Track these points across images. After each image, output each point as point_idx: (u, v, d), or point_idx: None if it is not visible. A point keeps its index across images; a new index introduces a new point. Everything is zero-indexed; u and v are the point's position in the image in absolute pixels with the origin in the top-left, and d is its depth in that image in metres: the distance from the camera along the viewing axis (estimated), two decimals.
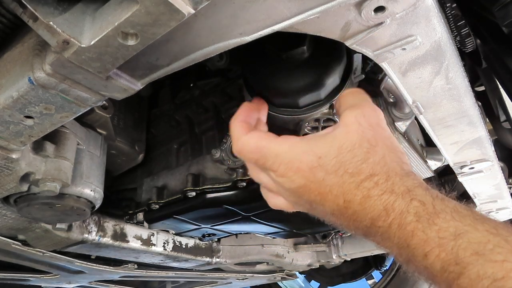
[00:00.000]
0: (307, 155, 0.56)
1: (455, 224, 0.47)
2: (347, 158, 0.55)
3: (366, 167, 0.54)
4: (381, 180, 0.53)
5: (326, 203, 0.55)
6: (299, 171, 0.56)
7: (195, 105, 1.06)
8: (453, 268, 0.44)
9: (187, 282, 2.36)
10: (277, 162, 0.57)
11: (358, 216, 0.53)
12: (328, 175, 0.54)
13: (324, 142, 0.56)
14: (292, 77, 0.71)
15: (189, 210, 0.99)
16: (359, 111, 0.58)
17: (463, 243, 0.45)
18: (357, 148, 0.55)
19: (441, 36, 0.56)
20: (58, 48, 0.45)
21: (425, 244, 0.47)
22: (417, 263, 0.48)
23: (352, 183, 0.54)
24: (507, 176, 1.27)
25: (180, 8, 0.40)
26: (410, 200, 0.51)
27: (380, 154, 0.55)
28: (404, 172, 0.55)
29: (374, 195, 0.52)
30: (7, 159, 0.68)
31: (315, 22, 0.51)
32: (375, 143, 0.56)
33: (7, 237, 1.13)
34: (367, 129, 0.57)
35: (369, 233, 0.54)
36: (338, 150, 0.55)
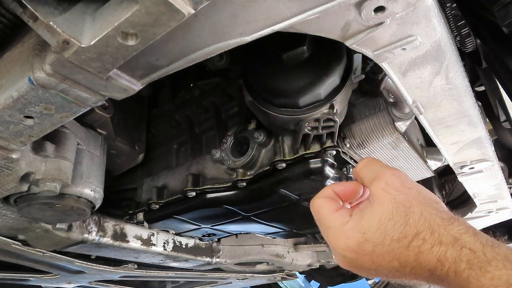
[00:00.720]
0: (353, 232, 0.61)
1: (508, 273, 0.50)
2: (388, 227, 0.59)
3: (409, 228, 0.58)
4: (428, 235, 0.57)
5: (382, 268, 0.60)
6: (348, 248, 0.61)
7: (195, 105, 1.06)
8: None
9: (187, 282, 2.36)
10: (328, 233, 0.63)
11: (416, 271, 0.57)
12: (376, 246, 0.59)
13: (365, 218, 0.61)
14: (292, 77, 0.71)
15: (189, 210, 0.99)
16: (382, 181, 0.63)
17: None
18: (395, 215, 0.60)
19: (441, 36, 0.56)
20: (58, 48, 0.45)
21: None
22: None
23: (401, 247, 0.58)
24: (507, 176, 1.27)
25: (180, 8, 0.40)
26: (460, 248, 0.54)
27: (418, 212, 0.59)
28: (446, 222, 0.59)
29: (425, 250, 0.56)
30: (7, 159, 0.68)
31: (315, 22, 0.51)
32: (409, 204, 0.60)
33: (7, 237, 1.12)
34: (397, 194, 0.61)
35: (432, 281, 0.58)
36: (378, 222, 0.60)
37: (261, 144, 0.86)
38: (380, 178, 0.63)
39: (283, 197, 0.92)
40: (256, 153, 0.86)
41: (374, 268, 0.60)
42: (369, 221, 0.61)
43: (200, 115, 1.06)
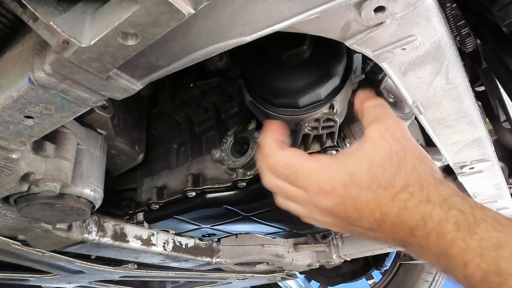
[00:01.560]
0: (340, 173, 0.57)
1: (497, 235, 0.47)
2: (378, 173, 0.55)
3: (399, 179, 0.55)
4: (416, 191, 0.53)
5: (363, 218, 0.56)
6: (333, 190, 0.57)
7: (195, 105, 1.06)
8: (494, 279, 0.44)
9: (187, 282, 2.36)
10: (309, 181, 0.58)
11: (396, 228, 0.54)
12: (362, 191, 0.55)
13: (354, 160, 0.57)
14: (292, 77, 0.71)
15: (189, 210, 0.99)
16: (383, 126, 0.59)
17: (505, 254, 0.45)
18: (387, 161, 0.56)
19: (441, 36, 0.56)
20: (58, 48, 0.45)
21: (466, 253, 0.47)
22: (456, 272, 0.48)
23: (387, 196, 0.54)
24: (507, 176, 1.26)
25: (180, 8, 0.40)
26: (448, 209, 0.51)
27: (411, 166, 0.56)
28: (437, 181, 0.56)
29: (411, 205, 0.53)
30: (7, 159, 0.68)
31: (315, 22, 0.51)
32: (404, 155, 0.57)
33: (7, 237, 1.12)
34: (394, 143, 0.57)
35: (407, 244, 0.54)
36: (368, 166, 0.56)
37: None
38: (382, 122, 0.59)
39: None
40: (256, 153, 0.86)
41: (355, 218, 0.56)
42: (359, 164, 0.57)
43: (200, 115, 1.06)
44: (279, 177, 0.62)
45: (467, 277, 0.47)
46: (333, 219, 0.60)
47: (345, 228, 0.61)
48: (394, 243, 0.56)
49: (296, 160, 0.60)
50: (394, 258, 2.64)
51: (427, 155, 0.60)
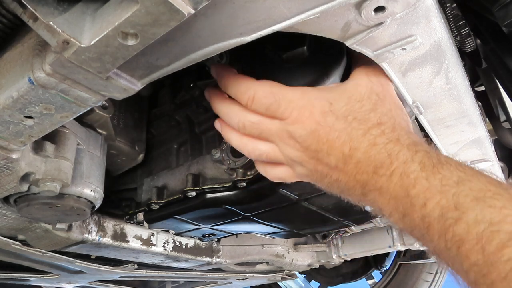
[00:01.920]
0: (320, 101, 0.57)
1: (458, 174, 0.47)
2: (356, 107, 0.56)
3: (374, 116, 0.56)
4: (388, 130, 0.54)
5: (333, 151, 0.56)
6: (312, 116, 0.56)
7: (195, 105, 1.06)
8: (451, 214, 0.44)
9: (187, 282, 2.36)
10: (290, 107, 0.58)
11: (361, 167, 0.53)
12: (337, 121, 0.55)
13: (335, 91, 0.58)
14: (292, 77, 0.71)
15: (189, 210, 0.99)
16: (370, 68, 0.61)
17: (465, 190, 0.45)
18: (365, 99, 0.57)
19: (441, 36, 0.56)
20: (58, 48, 0.45)
21: (427, 191, 0.47)
22: (414, 213, 0.48)
23: (359, 130, 0.54)
24: (507, 176, 1.27)
25: (180, 8, 0.40)
26: (415, 151, 0.51)
27: (388, 107, 0.57)
28: (409, 129, 0.57)
29: (380, 143, 0.53)
30: (7, 159, 0.68)
31: (315, 22, 0.51)
32: (383, 97, 0.58)
33: (7, 237, 1.12)
34: (376, 84, 0.59)
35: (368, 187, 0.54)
36: (348, 99, 0.57)
37: None
38: (371, 66, 0.61)
39: (283, 197, 0.92)
40: None
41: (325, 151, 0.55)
42: (339, 95, 0.57)
43: (200, 115, 1.06)
44: (257, 109, 0.61)
45: (425, 217, 0.47)
46: (303, 154, 0.59)
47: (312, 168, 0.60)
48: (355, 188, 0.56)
49: (278, 88, 0.60)
50: (394, 258, 2.64)
51: (403, 107, 0.62)
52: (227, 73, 0.66)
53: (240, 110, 0.63)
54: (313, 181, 0.62)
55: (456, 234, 0.43)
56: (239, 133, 0.65)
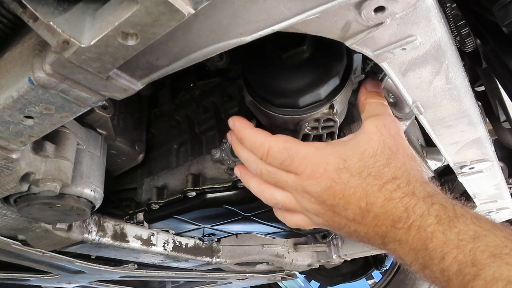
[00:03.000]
0: (333, 157, 0.58)
1: (475, 228, 0.47)
2: (370, 162, 0.57)
3: (388, 171, 0.56)
4: (403, 184, 0.55)
5: (349, 206, 0.57)
6: (326, 173, 0.57)
7: (195, 105, 1.06)
8: (469, 270, 0.45)
9: (187, 282, 2.36)
10: (304, 164, 0.59)
11: (379, 220, 0.54)
12: (352, 177, 0.56)
13: (348, 147, 0.59)
14: (292, 77, 0.71)
15: (189, 210, 0.99)
16: (380, 121, 0.61)
17: (481, 246, 0.45)
18: (379, 154, 0.58)
19: (441, 36, 0.56)
20: (58, 48, 0.45)
21: (444, 245, 0.48)
22: (434, 266, 0.49)
23: (375, 186, 0.55)
24: (507, 176, 1.27)
25: (180, 8, 0.40)
26: (431, 204, 0.52)
27: (401, 161, 0.58)
28: (423, 180, 0.57)
29: (396, 197, 0.54)
30: (7, 159, 0.68)
31: (315, 22, 0.51)
32: (396, 150, 0.59)
33: (7, 237, 1.12)
34: (388, 138, 0.60)
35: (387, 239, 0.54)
36: (361, 154, 0.58)
37: None
38: (380, 117, 0.62)
39: None
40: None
41: (342, 205, 0.56)
42: (352, 151, 0.58)
43: (200, 115, 1.06)
44: (271, 163, 0.63)
45: (444, 271, 0.47)
46: (319, 206, 0.60)
47: (329, 219, 0.61)
48: (374, 239, 0.56)
49: (291, 144, 0.61)
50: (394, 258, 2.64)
51: (416, 156, 0.64)
52: (243, 126, 0.68)
53: (257, 159, 0.65)
54: (331, 229, 0.64)
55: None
56: (258, 181, 0.67)
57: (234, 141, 0.71)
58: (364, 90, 0.69)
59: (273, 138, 0.63)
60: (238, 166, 0.73)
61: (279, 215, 0.71)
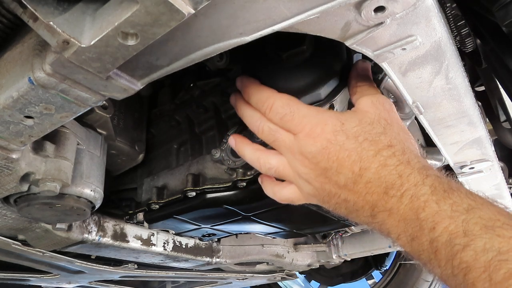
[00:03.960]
0: (332, 119, 0.59)
1: (469, 202, 0.47)
2: (367, 129, 0.58)
3: (384, 138, 0.57)
4: (398, 152, 0.55)
5: (342, 170, 0.56)
6: (323, 133, 0.58)
7: (195, 105, 1.06)
8: (459, 240, 0.44)
9: (187, 282, 2.36)
10: (303, 122, 0.60)
11: (371, 187, 0.54)
12: (348, 140, 0.57)
13: (347, 114, 0.61)
14: (292, 77, 0.71)
15: (189, 210, 0.99)
16: (375, 98, 0.63)
17: (474, 217, 0.45)
18: (375, 122, 0.59)
19: (441, 36, 0.56)
20: (58, 48, 0.45)
21: (436, 215, 0.47)
22: (423, 237, 0.48)
23: (370, 151, 0.56)
24: (507, 176, 1.27)
25: (180, 8, 0.40)
26: (426, 175, 0.52)
27: (396, 131, 0.59)
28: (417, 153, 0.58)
29: (391, 164, 0.54)
30: (7, 159, 0.68)
31: (315, 22, 0.51)
32: (390, 122, 0.60)
33: (7, 237, 1.12)
34: (383, 111, 0.61)
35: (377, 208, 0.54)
36: (359, 120, 0.59)
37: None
38: (374, 95, 0.63)
39: None
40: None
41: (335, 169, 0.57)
42: (350, 116, 0.60)
43: (200, 115, 1.06)
44: (273, 118, 0.64)
45: (433, 241, 0.47)
46: (312, 170, 0.60)
47: (320, 187, 0.60)
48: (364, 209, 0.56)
49: (294, 102, 0.63)
50: (394, 258, 2.64)
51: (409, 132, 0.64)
52: (251, 83, 0.69)
53: (261, 116, 0.66)
54: (320, 201, 0.63)
55: (463, 261, 0.43)
56: (253, 147, 0.69)
57: (239, 100, 0.72)
58: (355, 73, 0.70)
59: (278, 94, 0.65)
60: (233, 135, 0.74)
61: (268, 190, 0.71)
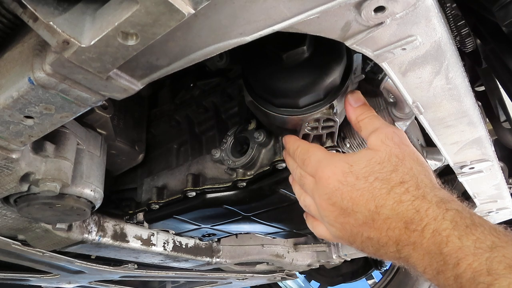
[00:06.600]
0: (341, 162, 0.62)
1: (492, 239, 0.47)
2: (376, 168, 0.59)
3: (396, 176, 0.57)
4: (412, 188, 0.55)
5: (358, 208, 0.58)
6: (333, 175, 0.61)
7: (195, 105, 1.06)
8: (483, 279, 0.44)
9: (187, 282, 2.36)
10: (317, 166, 0.64)
11: (391, 223, 0.54)
12: (358, 180, 0.58)
13: (356, 155, 0.63)
14: (292, 77, 0.71)
15: (189, 210, 0.99)
16: (383, 134, 0.63)
17: (498, 256, 0.45)
18: (386, 161, 0.59)
19: (441, 36, 0.56)
20: (58, 48, 0.45)
21: (459, 251, 0.47)
22: (448, 272, 0.48)
23: (382, 189, 0.56)
24: (507, 176, 1.27)
25: (180, 8, 0.40)
26: (445, 209, 0.51)
27: (408, 166, 0.59)
28: (434, 185, 0.57)
29: (406, 200, 0.54)
30: (7, 159, 0.68)
31: (315, 22, 0.51)
32: (402, 157, 0.60)
33: (7, 237, 1.12)
34: (393, 147, 0.61)
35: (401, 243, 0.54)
36: (367, 161, 0.60)
37: (261, 144, 0.86)
38: (381, 131, 0.64)
39: (283, 197, 0.92)
40: (256, 153, 0.86)
41: (350, 208, 0.58)
42: (359, 158, 0.61)
43: (200, 115, 1.06)
44: (298, 163, 0.70)
45: (457, 277, 0.47)
46: (330, 212, 0.62)
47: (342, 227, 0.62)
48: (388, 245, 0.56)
49: (314, 147, 0.69)
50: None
51: (424, 161, 0.63)
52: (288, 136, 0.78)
53: (296, 166, 0.72)
54: (347, 242, 0.64)
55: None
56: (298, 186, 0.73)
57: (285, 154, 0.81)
58: (350, 108, 0.72)
59: (304, 142, 0.73)
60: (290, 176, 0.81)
61: (309, 223, 0.75)
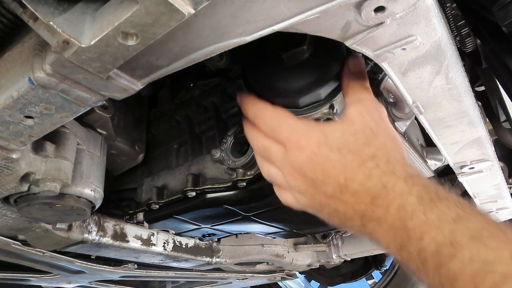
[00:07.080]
0: (316, 132, 0.60)
1: (457, 211, 0.47)
2: (350, 140, 0.58)
3: (368, 150, 0.57)
4: (382, 163, 0.55)
5: (328, 180, 0.57)
6: (308, 146, 0.60)
7: (195, 105, 1.06)
8: (447, 251, 0.44)
9: (187, 282, 2.37)
10: (290, 134, 0.62)
11: (358, 197, 0.55)
12: (331, 152, 0.58)
13: (332, 126, 0.62)
14: (292, 77, 0.71)
15: (189, 210, 0.99)
16: (363, 107, 0.63)
17: (462, 227, 0.45)
18: (360, 133, 0.59)
19: (441, 36, 0.56)
20: (58, 48, 0.45)
21: (424, 225, 0.47)
22: (411, 246, 0.48)
23: (354, 161, 0.56)
24: (507, 176, 1.27)
25: (180, 8, 0.40)
26: (412, 184, 0.52)
27: (382, 141, 0.59)
28: (405, 161, 0.58)
29: (375, 175, 0.54)
30: (7, 159, 0.68)
31: (315, 22, 0.51)
32: (376, 131, 0.60)
33: (7, 237, 1.13)
34: (370, 121, 0.61)
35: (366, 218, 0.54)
36: (342, 132, 0.60)
37: None
38: (362, 103, 0.63)
39: None
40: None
41: (321, 180, 0.58)
42: (334, 129, 0.61)
43: (200, 115, 1.06)
44: (263, 129, 0.66)
45: (421, 251, 0.47)
46: (301, 182, 0.61)
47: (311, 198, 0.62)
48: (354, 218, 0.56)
49: (285, 114, 0.65)
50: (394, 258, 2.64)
51: (400, 139, 0.63)
52: (246, 98, 0.72)
53: (259, 135, 0.68)
54: (315, 211, 0.64)
55: (451, 271, 0.43)
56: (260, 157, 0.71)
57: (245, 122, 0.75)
58: (346, 71, 0.70)
59: (271, 106, 0.68)
60: None
61: (276, 190, 0.73)
